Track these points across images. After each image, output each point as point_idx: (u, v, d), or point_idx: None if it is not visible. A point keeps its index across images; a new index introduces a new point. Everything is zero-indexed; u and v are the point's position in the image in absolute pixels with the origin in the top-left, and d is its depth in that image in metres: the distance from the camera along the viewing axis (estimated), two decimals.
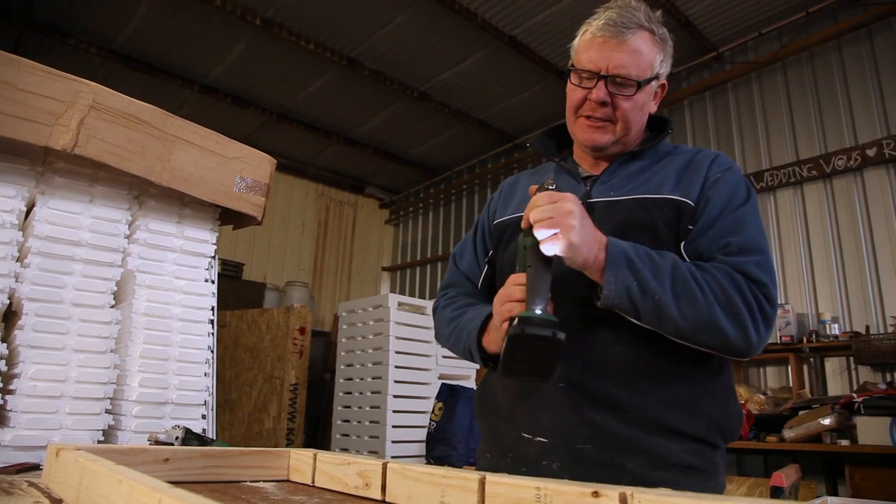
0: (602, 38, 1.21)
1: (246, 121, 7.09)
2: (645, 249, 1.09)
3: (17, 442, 1.52)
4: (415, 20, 5.42)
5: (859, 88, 4.83)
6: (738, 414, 1.20)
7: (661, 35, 1.26)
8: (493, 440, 1.27)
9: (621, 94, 1.21)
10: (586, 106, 1.24)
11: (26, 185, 1.68)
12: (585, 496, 0.71)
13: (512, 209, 1.38)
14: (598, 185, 1.26)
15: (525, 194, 1.34)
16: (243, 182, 1.96)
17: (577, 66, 1.25)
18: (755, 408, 4.49)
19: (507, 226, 1.35)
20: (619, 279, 1.04)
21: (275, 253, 8.02)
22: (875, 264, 4.52)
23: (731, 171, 1.25)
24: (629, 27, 1.20)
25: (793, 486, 2.56)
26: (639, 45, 1.21)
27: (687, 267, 1.09)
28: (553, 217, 1.02)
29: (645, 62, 1.22)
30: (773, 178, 5.14)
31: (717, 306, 1.05)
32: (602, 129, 1.24)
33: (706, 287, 1.06)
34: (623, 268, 1.04)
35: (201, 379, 1.88)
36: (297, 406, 4.96)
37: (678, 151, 1.31)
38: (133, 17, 5.47)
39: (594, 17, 1.26)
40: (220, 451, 1.24)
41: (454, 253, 1.52)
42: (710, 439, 1.14)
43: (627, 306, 1.05)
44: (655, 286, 1.04)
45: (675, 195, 1.19)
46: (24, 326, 1.59)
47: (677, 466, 1.09)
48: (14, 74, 1.55)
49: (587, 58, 1.23)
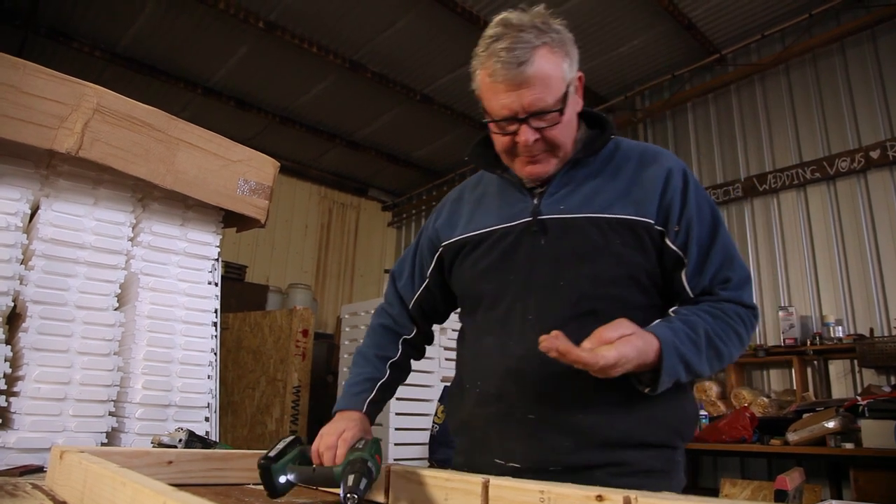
0: (504, 82, 1.11)
1: (249, 124, 7.10)
2: (683, 330, 1.11)
3: (20, 444, 1.52)
4: (417, 23, 5.42)
5: (863, 90, 4.82)
6: (693, 416, 1.27)
7: (557, 39, 1.15)
8: (466, 461, 1.30)
9: (548, 126, 1.15)
10: (518, 147, 1.17)
11: (30, 188, 1.68)
12: (589, 500, 0.71)
13: (462, 228, 1.33)
14: (546, 199, 1.22)
15: (473, 208, 1.34)
16: (246, 185, 1.97)
17: (493, 116, 1.16)
18: (759, 411, 4.48)
19: (462, 245, 1.31)
20: (671, 377, 1.08)
21: (278, 255, 8.03)
22: (879, 266, 4.51)
23: (690, 182, 1.22)
24: (525, 58, 1.10)
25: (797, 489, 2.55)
26: (542, 68, 1.11)
27: (712, 327, 1.14)
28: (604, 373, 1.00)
29: (556, 82, 1.13)
30: (777, 180, 5.14)
31: (733, 350, 1.16)
32: (542, 163, 1.19)
33: (728, 340, 1.15)
34: (674, 365, 1.08)
35: (204, 381, 1.89)
36: (299, 408, 4.96)
37: (621, 151, 1.27)
38: (136, 21, 5.49)
39: (484, 51, 1.15)
40: (224, 454, 1.24)
41: (394, 270, 1.50)
42: (670, 443, 1.20)
43: (668, 386, 1.11)
44: (697, 365, 1.11)
45: (627, 215, 1.17)
46: (28, 329, 1.59)
47: (642, 472, 1.14)
48: (19, 78, 1.55)
49: (499, 106, 1.13)
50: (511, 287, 1.22)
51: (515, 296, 1.21)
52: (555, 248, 1.18)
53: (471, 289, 1.31)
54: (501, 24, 1.15)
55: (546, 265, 1.19)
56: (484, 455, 1.23)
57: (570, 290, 1.17)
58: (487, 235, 1.27)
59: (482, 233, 1.28)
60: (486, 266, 1.26)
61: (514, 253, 1.22)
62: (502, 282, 1.23)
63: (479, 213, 1.32)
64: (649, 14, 5.20)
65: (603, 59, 5.87)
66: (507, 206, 1.27)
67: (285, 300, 7.39)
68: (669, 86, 6.07)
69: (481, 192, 1.37)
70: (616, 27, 5.42)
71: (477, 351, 1.27)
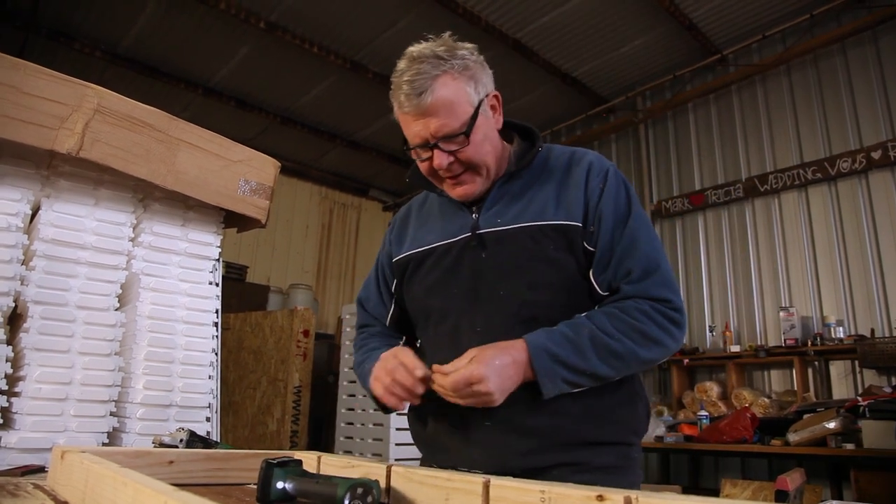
0: (411, 112, 1.18)
1: (249, 124, 7.11)
2: (561, 332, 1.14)
3: (22, 444, 1.52)
4: (418, 23, 5.42)
5: (864, 91, 4.82)
6: (645, 415, 1.31)
7: (459, 66, 1.20)
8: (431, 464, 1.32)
9: (458, 148, 1.20)
10: (440, 172, 1.23)
11: (31, 189, 1.69)
12: (590, 500, 0.71)
13: (408, 245, 1.39)
14: (484, 213, 1.27)
15: (418, 225, 1.40)
16: (247, 185, 1.97)
17: (410, 144, 1.23)
18: (760, 411, 4.48)
19: (408, 262, 1.36)
20: (551, 378, 1.11)
21: (278, 256, 8.03)
22: (880, 267, 4.50)
23: (609, 179, 1.25)
24: (425, 88, 1.16)
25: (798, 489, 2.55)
26: (443, 96, 1.17)
27: (599, 325, 1.15)
28: (475, 398, 1.08)
29: (460, 105, 1.19)
30: (778, 180, 5.13)
31: (636, 346, 1.15)
32: (468, 183, 1.25)
33: (623, 337, 1.14)
34: (550, 366, 1.11)
35: (205, 381, 1.89)
36: (300, 408, 4.96)
37: (552, 158, 1.32)
38: (137, 21, 5.49)
39: (394, 85, 1.21)
40: (225, 454, 1.24)
41: (360, 297, 1.53)
42: (625, 440, 1.24)
43: (567, 389, 1.14)
44: (582, 364, 1.12)
45: (558, 220, 1.22)
46: (30, 329, 1.59)
47: (599, 469, 1.18)
48: (19, 78, 1.55)
49: (412, 134, 1.21)
50: (456, 301, 1.27)
51: (461, 309, 1.26)
52: (494, 260, 1.23)
53: (420, 305, 1.36)
54: (406, 58, 1.21)
55: (487, 277, 1.24)
56: (445, 461, 1.26)
57: (511, 299, 1.22)
58: (430, 252, 1.32)
59: (425, 249, 1.33)
60: (432, 282, 1.31)
61: (457, 268, 1.27)
62: (448, 296, 1.28)
63: (423, 230, 1.38)
64: (650, 15, 5.20)
65: (604, 59, 5.87)
66: (448, 222, 1.33)
67: (286, 300, 7.40)
68: (671, 86, 6.07)
69: (427, 209, 1.43)
70: (617, 27, 5.42)
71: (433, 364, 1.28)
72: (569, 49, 5.71)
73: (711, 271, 5.48)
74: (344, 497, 0.89)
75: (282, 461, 1.00)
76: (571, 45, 5.66)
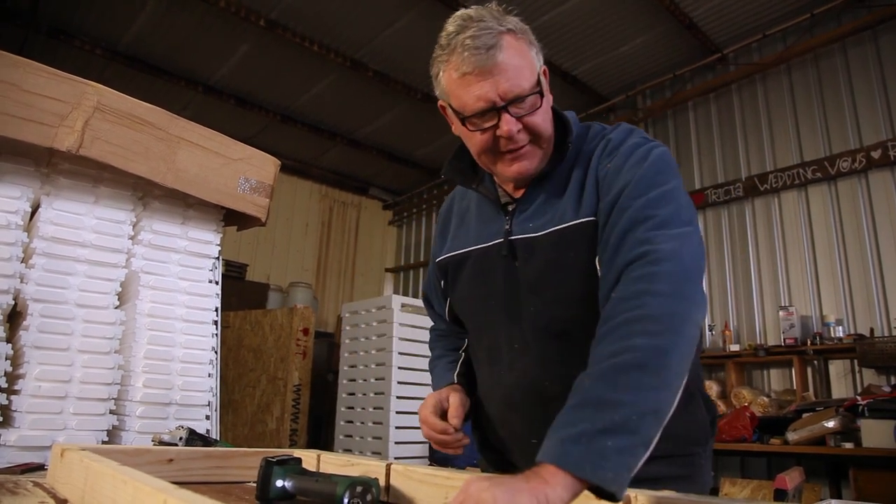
0: (475, 71, 1.04)
1: (250, 122, 7.10)
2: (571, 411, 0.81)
3: (21, 442, 1.52)
4: (418, 22, 5.42)
5: (864, 90, 4.82)
6: (706, 419, 1.17)
7: (519, 28, 1.10)
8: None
9: (528, 113, 1.08)
10: (501, 143, 1.09)
11: (31, 186, 1.68)
12: (590, 498, 0.71)
13: (448, 245, 1.33)
14: (517, 217, 1.18)
15: (457, 224, 1.33)
16: (247, 183, 1.97)
17: (467, 113, 1.07)
18: (759, 410, 4.48)
19: (447, 265, 1.31)
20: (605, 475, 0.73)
21: (278, 254, 8.03)
22: (879, 266, 4.50)
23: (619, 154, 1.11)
24: (493, 44, 1.03)
25: (796, 488, 2.55)
26: (512, 56, 1.05)
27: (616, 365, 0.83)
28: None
29: (528, 66, 1.07)
30: (778, 179, 5.13)
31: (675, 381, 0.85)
32: (528, 158, 1.12)
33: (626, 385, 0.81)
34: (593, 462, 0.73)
35: (205, 380, 1.89)
36: (300, 407, 4.97)
37: (586, 143, 1.19)
38: (137, 19, 5.49)
39: (445, 50, 1.08)
40: (224, 452, 1.24)
41: (425, 293, 1.51)
42: (687, 451, 1.13)
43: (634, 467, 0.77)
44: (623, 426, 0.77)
45: (577, 219, 1.09)
46: (29, 327, 1.59)
47: (661, 480, 1.01)
48: (19, 76, 1.55)
49: (473, 98, 1.05)
50: (493, 315, 1.21)
51: (499, 325, 1.20)
52: (525, 272, 1.15)
53: (460, 306, 1.33)
54: (460, 18, 1.09)
55: (520, 291, 1.15)
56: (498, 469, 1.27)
57: (541, 316, 1.13)
58: (467, 256, 1.26)
59: (462, 253, 1.27)
60: (469, 291, 1.27)
61: (491, 279, 1.20)
62: (485, 309, 1.23)
63: (461, 231, 1.31)
64: (651, 13, 5.20)
65: (604, 58, 5.87)
66: (484, 224, 1.25)
67: (286, 299, 7.40)
68: (671, 85, 6.06)
69: (465, 205, 1.35)
70: (617, 26, 5.41)
71: (480, 377, 1.31)
72: (569, 48, 5.71)
73: (711, 270, 5.48)
74: (343, 495, 0.89)
75: (281, 459, 1.00)
76: (571, 44, 5.66)
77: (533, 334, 1.14)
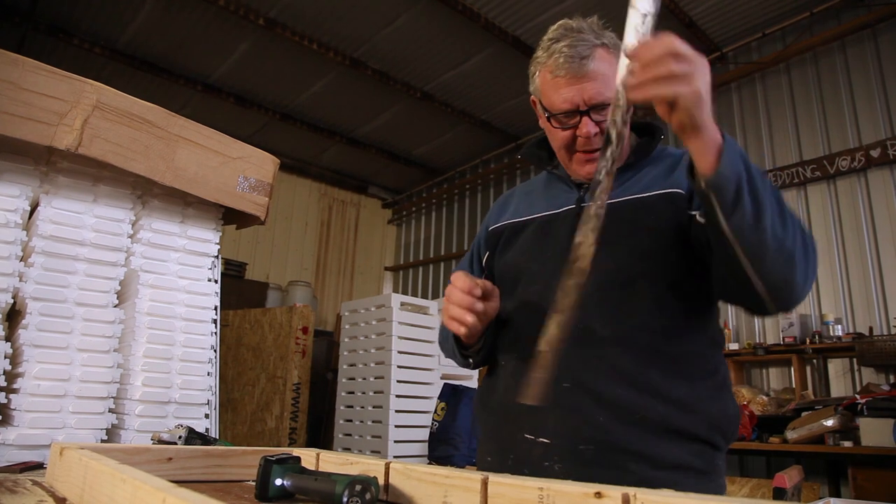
0: (566, 76, 1.19)
1: (249, 120, 7.10)
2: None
3: (20, 441, 1.52)
4: (418, 20, 5.42)
5: (863, 89, 4.82)
6: (735, 415, 1.21)
7: (612, 42, 1.25)
8: (493, 441, 1.28)
9: (605, 120, 1.18)
10: (579, 142, 1.22)
11: (30, 185, 1.68)
12: (588, 497, 0.71)
13: (508, 216, 1.40)
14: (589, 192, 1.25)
15: (520, 201, 1.42)
16: (246, 182, 1.97)
17: (553, 111, 1.22)
18: (758, 409, 4.48)
19: (504, 230, 1.38)
20: (733, 161, 0.95)
21: (278, 253, 8.03)
22: (879, 265, 4.51)
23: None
24: (586, 54, 1.19)
25: (795, 487, 2.56)
26: (602, 67, 1.20)
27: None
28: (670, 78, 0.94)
29: (613, 78, 1.16)
30: (777, 178, 5.13)
31: (799, 241, 1.03)
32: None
33: (791, 223, 1.02)
34: (736, 154, 0.96)
35: (204, 378, 1.89)
36: (299, 405, 4.97)
37: (666, 154, 1.32)
38: (136, 17, 5.48)
39: (545, 53, 1.23)
40: (223, 451, 1.24)
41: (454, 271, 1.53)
42: (711, 440, 1.15)
43: (732, 191, 0.96)
44: (761, 186, 0.98)
45: (665, 189, 1.21)
46: (28, 325, 1.59)
47: (680, 468, 1.09)
48: (18, 74, 1.55)
49: (561, 99, 1.20)
50: (549, 264, 1.24)
51: (553, 273, 1.18)
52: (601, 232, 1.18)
53: (511, 267, 1.34)
54: (562, 28, 1.24)
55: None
56: (513, 432, 1.21)
57: (606, 265, 1.16)
58: (531, 221, 1.34)
59: (525, 219, 1.35)
60: (527, 247, 1.32)
61: (554, 235, 1.28)
62: (542, 260, 1.27)
63: (524, 204, 1.40)
64: None
65: None
66: (553, 197, 1.34)
67: (285, 297, 7.40)
68: None
69: (529, 189, 1.45)
70: (617, 25, 5.39)
71: (517, 325, 1.29)
72: None
73: None
74: (342, 494, 0.89)
75: (280, 458, 1.00)
76: None
77: (594, 282, 1.14)
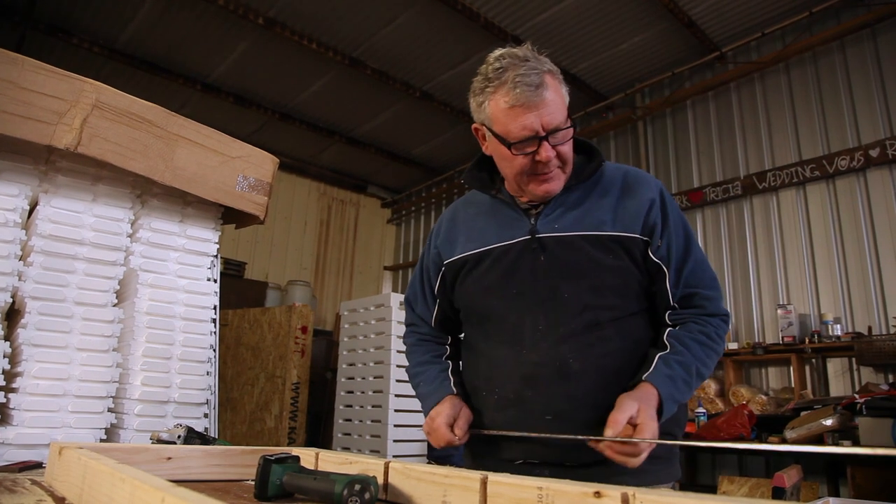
0: (524, 105, 1.23)
1: (248, 120, 7.09)
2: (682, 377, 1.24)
3: (19, 440, 1.52)
4: (417, 20, 5.42)
5: (862, 89, 4.82)
6: (685, 406, 1.40)
7: (554, 69, 1.30)
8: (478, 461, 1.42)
9: (561, 142, 1.27)
10: (537, 167, 1.28)
11: (29, 184, 1.68)
12: (587, 496, 0.71)
13: (462, 246, 1.44)
14: (542, 219, 1.34)
15: (469, 227, 1.46)
16: (246, 181, 1.97)
17: (511, 139, 1.26)
18: (757, 408, 4.48)
19: (464, 263, 1.42)
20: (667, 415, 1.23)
21: (277, 252, 8.03)
22: (877, 265, 4.51)
23: (667, 200, 1.36)
24: (540, 82, 1.23)
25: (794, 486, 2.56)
26: (552, 94, 1.25)
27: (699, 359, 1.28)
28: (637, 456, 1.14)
29: (562, 103, 1.28)
30: (776, 178, 5.14)
31: (712, 368, 1.33)
32: (555, 180, 1.31)
33: (710, 364, 1.30)
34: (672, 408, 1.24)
35: (203, 378, 1.89)
36: (298, 405, 4.96)
37: (605, 175, 1.39)
38: (136, 17, 5.48)
39: (495, 82, 1.26)
40: (222, 450, 1.24)
41: (408, 297, 1.63)
42: (671, 431, 1.32)
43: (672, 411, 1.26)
44: (684, 399, 1.27)
45: (616, 231, 1.30)
46: (27, 325, 1.59)
47: (650, 458, 1.21)
48: (17, 73, 1.55)
49: (520, 127, 1.24)
50: (517, 301, 1.32)
51: (523, 309, 1.32)
52: (554, 264, 1.30)
53: (477, 304, 1.41)
54: (509, 56, 1.27)
55: (548, 279, 1.30)
56: (499, 456, 1.34)
57: (574, 301, 1.28)
58: (487, 253, 1.38)
59: (482, 251, 1.39)
60: (490, 283, 1.37)
61: (516, 269, 1.33)
62: (507, 296, 1.34)
63: (476, 232, 1.44)
64: (650, 12, 5.20)
65: (603, 56, 5.86)
66: (505, 225, 1.38)
67: (284, 297, 7.39)
68: (669, 83, 6.06)
69: (474, 211, 1.48)
70: (617, 25, 5.41)
71: (492, 360, 1.37)
72: (567, 46, 5.70)
73: None
74: (342, 493, 0.89)
75: (280, 457, 1.00)
76: (570, 42, 5.66)
77: (564, 318, 1.29)
